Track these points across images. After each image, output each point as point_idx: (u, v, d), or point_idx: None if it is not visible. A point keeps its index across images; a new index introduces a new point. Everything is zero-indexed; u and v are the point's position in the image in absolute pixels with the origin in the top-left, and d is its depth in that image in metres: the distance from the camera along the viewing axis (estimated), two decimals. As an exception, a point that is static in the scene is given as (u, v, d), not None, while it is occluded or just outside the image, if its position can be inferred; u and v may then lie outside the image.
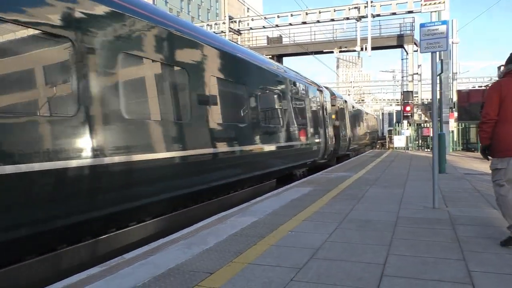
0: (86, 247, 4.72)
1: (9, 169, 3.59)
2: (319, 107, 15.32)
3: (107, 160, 4.66)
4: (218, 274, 3.60)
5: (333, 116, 18.18)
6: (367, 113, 36.41)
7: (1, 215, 3.62)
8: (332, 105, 18.11)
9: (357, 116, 26.72)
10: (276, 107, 10.77)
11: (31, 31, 3.96)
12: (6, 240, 3.67)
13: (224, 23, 33.37)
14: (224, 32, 32.47)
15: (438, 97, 18.49)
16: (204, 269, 3.73)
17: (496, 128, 4.40)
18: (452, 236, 4.80)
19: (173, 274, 3.61)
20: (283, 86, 11.31)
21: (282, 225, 5.40)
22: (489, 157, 4.60)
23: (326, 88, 18.65)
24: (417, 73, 31.00)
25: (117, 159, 4.81)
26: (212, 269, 3.74)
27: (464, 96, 28.83)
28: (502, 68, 4.70)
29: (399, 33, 30.81)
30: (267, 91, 10.13)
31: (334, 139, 17.33)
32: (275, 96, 10.73)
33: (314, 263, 3.86)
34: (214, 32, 31.89)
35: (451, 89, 27.15)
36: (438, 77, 13.84)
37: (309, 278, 3.48)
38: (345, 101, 21.66)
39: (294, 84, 12.53)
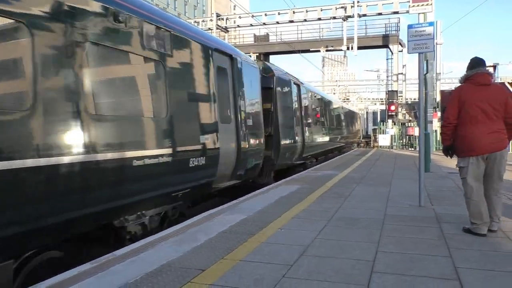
0: None
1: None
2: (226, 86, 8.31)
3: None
4: (210, 271, 3.63)
5: (267, 106, 11.33)
6: (342, 107, 28.34)
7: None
8: (268, 88, 11.44)
9: (323, 110, 19.50)
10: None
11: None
12: None
13: (211, 20, 33.26)
14: (212, 29, 32.36)
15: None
16: (196, 266, 3.75)
17: (458, 131, 4.84)
18: (438, 234, 4.90)
19: (165, 271, 3.63)
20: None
21: (271, 223, 5.45)
22: (453, 156, 5.10)
23: (260, 60, 14.30)
24: (401, 73, 31.34)
25: None
26: (203, 266, 3.76)
27: (447, 96, 29.21)
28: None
29: (384, 33, 31.10)
30: None
31: (261, 141, 9.84)
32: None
33: (305, 260, 3.91)
34: (201, 29, 31.77)
35: (435, 89, 27.53)
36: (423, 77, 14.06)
37: (300, 274, 3.53)
38: (298, 86, 14.61)
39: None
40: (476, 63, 4.87)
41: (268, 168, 11.24)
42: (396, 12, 27.84)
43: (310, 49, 32.48)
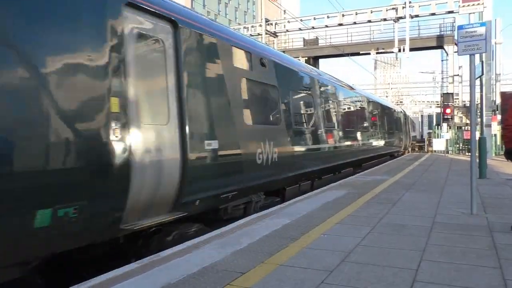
0: None
1: None
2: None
3: None
4: (250, 274, 3.69)
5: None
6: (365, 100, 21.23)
7: None
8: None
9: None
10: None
11: None
12: None
13: (260, 25, 33.54)
14: (261, 35, 32.66)
15: (478, 99, 17.95)
16: (237, 269, 3.83)
17: None
18: (489, 243, 4.70)
19: (207, 272, 3.73)
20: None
21: (315, 228, 5.44)
22: None
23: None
24: (457, 75, 30.12)
25: None
26: (244, 269, 3.83)
27: (508, 97, 27.76)
28: None
29: (439, 33, 30.03)
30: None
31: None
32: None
33: (346, 266, 3.89)
34: (250, 34, 32.15)
35: (494, 90, 26.24)
36: (478, 79, 13.46)
37: (340, 281, 3.52)
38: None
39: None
40: None
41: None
42: (451, 12, 26.81)
43: (360, 52, 31.97)
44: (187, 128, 5.36)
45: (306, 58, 32.41)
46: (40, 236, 3.63)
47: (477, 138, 13.21)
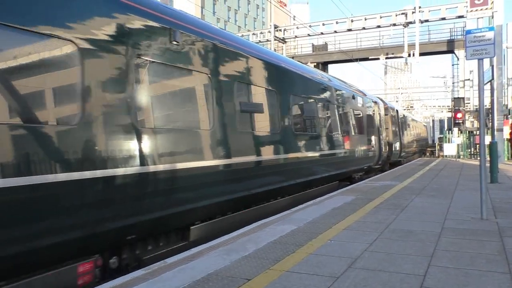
0: None
1: None
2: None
3: None
4: (255, 281, 3.67)
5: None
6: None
7: None
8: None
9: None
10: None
11: None
12: None
13: (269, 32, 33.64)
14: (270, 41, 32.74)
15: (488, 104, 17.73)
16: (242, 275, 3.81)
17: None
18: (499, 249, 4.62)
19: (212, 279, 3.72)
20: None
21: (322, 234, 5.40)
22: None
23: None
24: (468, 79, 29.86)
25: None
26: (249, 275, 3.81)
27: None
28: None
29: (449, 38, 29.85)
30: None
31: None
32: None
33: (352, 273, 3.85)
34: (259, 40, 32.25)
35: (506, 95, 25.97)
36: (489, 83, 13.36)
37: (346, 287, 3.48)
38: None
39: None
40: None
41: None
42: (461, 16, 26.62)
43: (369, 57, 31.87)
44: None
45: (315, 63, 32.43)
46: None
47: (487, 143, 13.09)
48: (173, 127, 5.17)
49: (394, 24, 29.12)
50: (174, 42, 5.26)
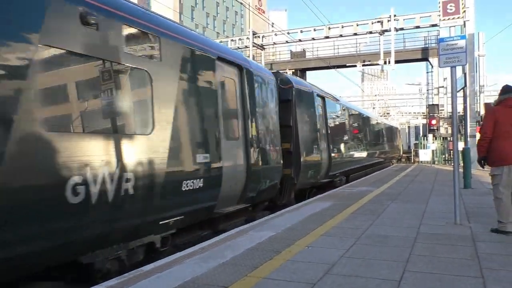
0: None
1: None
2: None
3: None
4: (233, 288, 3.65)
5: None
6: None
7: None
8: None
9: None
10: None
11: None
12: None
13: (248, 38, 33.75)
14: (248, 47, 32.83)
15: (461, 110, 18.12)
16: (219, 283, 3.78)
17: (492, 144, 5.72)
18: (472, 253, 4.71)
19: (188, 287, 3.68)
20: None
21: (299, 240, 5.41)
22: (485, 167, 6.02)
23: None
24: (442, 86, 30.56)
25: None
26: (226, 283, 3.78)
27: (490, 109, 28.20)
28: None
29: (423, 46, 30.53)
30: None
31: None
32: None
33: (329, 279, 3.86)
34: (238, 47, 32.32)
35: (478, 101, 26.65)
36: (462, 90, 13.69)
37: (323, 293, 3.49)
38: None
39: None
40: (508, 90, 5.88)
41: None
42: (435, 25, 27.23)
43: (347, 64, 32.31)
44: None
45: (293, 70, 32.67)
46: None
47: (461, 149, 13.37)
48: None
49: (371, 32, 29.59)
50: None
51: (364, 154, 19.45)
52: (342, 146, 15.31)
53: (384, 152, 26.86)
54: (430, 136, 27.83)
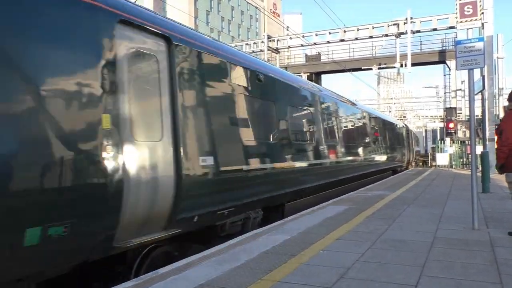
0: None
1: None
2: None
3: None
4: (247, 291, 3.65)
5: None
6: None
7: None
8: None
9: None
10: None
11: None
12: None
13: (263, 42, 33.82)
14: (263, 51, 32.90)
15: (479, 114, 17.84)
16: (234, 286, 3.79)
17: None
18: (491, 258, 4.64)
19: (203, 289, 3.70)
20: None
21: (314, 244, 5.40)
22: (505, 173, 5.90)
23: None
24: (460, 89, 30.15)
25: None
26: (241, 286, 3.79)
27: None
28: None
29: (441, 48, 30.18)
30: None
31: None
32: None
33: (343, 283, 3.84)
34: (253, 51, 32.42)
35: (497, 105, 26.23)
36: (480, 93, 13.47)
37: (337, 297, 3.48)
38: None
39: None
40: None
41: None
42: (452, 27, 26.94)
43: (362, 68, 32.13)
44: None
45: (308, 74, 32.62)
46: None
47: (479, 153, 13.18)
48: None
49: (386, 35, 29.41)
50: None
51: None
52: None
53: (369, 161, 16.82)
54: (448, 139, 27.44)
